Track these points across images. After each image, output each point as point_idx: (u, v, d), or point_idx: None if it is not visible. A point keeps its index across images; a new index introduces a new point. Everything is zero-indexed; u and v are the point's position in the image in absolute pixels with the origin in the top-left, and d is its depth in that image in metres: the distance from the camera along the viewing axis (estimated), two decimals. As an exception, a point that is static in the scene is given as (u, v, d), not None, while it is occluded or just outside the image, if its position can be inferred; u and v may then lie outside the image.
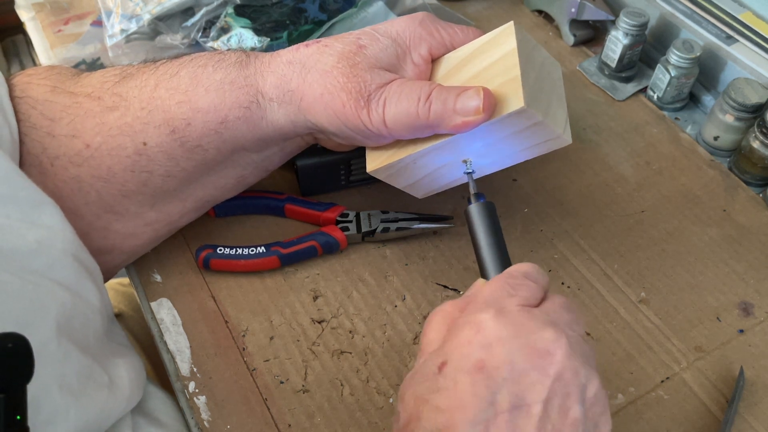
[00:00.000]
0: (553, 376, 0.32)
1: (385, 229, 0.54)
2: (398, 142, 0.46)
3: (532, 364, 0.33)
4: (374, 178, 0.58)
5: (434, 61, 0.47)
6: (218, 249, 0.52)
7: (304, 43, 0.46)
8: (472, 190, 0.43)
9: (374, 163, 0.47)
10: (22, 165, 0.44)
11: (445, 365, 0.33)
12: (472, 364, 0.33)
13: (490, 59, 0.44)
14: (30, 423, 0.29)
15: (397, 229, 0.54)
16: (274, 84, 0.45)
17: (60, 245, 0.39)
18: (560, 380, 0.33)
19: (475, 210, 0.42)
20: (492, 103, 0.41)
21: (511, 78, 0.42)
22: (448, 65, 0.46)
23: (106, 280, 0.51)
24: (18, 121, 0.44)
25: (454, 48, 0.47)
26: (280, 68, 0.45)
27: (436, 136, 0.44)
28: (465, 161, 0.46)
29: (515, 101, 0.41)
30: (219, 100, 0.44)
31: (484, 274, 0.41)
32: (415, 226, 0.54)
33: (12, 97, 0.45)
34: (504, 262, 0.40)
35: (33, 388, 0.31)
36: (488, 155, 0.46)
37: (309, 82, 0.44)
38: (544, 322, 0.34)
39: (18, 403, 0.28)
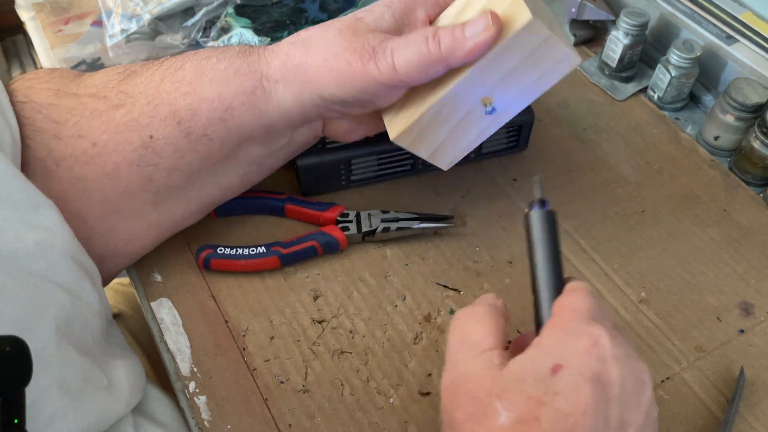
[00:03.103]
0: (644, 406, 0.34)
1: (386, 229, 0.54)
2: (415, 100, 0.45)
3: (635, 390, 0.34)
4: (374, 177, 0.58)
5: (431, 23, 0.47)
6: (218, 249, 0.51)
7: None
8: (537, 195, 0.41)
9: (396, 128, 0.47)
10: (27, 169, 0.44)
11: (561, 369, 0.33)
12: (591, 374, 0.33)
13: None
14: (29, 426, 0.29)
15: (398, 228, 0.54)
16: (278, 65, 0.45)
17: (59, 247, 0.39)
18: (648, 414, 0.34)
19: (536, 217, 0.40)
20: (499, 22, 0.42)
21: (512, 1, 0.42)
22: (446, 18, 0.47)
23: (106, 283, 0.51)
24: (22, 125, 0.44)
25: (448, 5, 0.47)
26: (283, 50, 0.45)
27: (452, 77, 0.44)
28: (484, 102, 0.45)
29: (522, 17, 0.42)
30: (223, 88, 0.45)
31: (536, 288, 0.39)
32: (416, 225, 0.54)
33: (15, 102, 0.45)
34: (559, 278, 0.39)
35: (32, 391, 0.31)
36: (506, 91, 0.45)
37: (312, 53, 0.44)
38: (638, 354, 0.36)
39: (16, 407, 0.28)
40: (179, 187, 0.47)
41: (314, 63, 0.44)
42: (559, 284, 0.39)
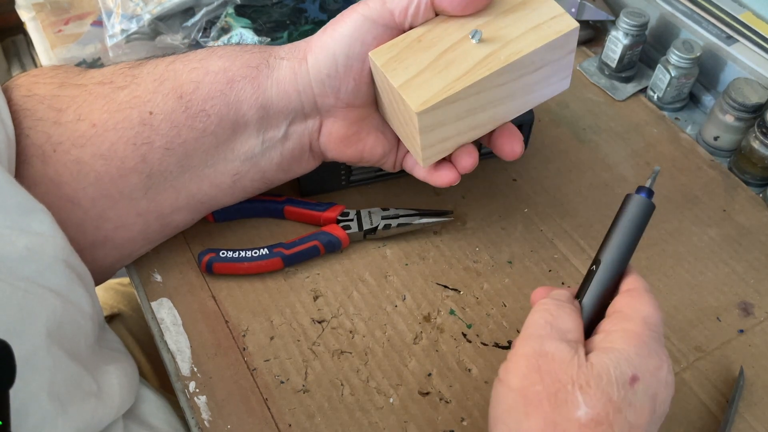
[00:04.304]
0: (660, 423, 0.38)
1: (387, 226, 0.54)
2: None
3: (664, 414, 0.37)
4: (374, 177, 0.58)
5: None
6: (221, 252, 0.51)
7: None
8: (648, 183, 0.42)
9: (378, 48, 0.45)
10: (24, 158, 0.44)
11: (638, 382, 0.35)
12: (653, 393, 0.36)
13: None
14: (17, 430, 0.28)
15: (399, 225, 0.54)
16: (288, 47, 0.47)
17: (51, 251, 0.39)
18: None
19: (635, 201, 0.41)
20: None
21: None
22: None
23: (103, 280, 0.51)
24: (23, 117, 0.45)
25: None
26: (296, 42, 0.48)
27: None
28: (473, 34, 0.44)
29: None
30: (230, 63, 0.46)
31: (599, 261, 0.41)
32: (417, 221, 0.54)
33: (18, 96, 0.46)
34: (625, 260, 0.41)
35: (21, 396, 0.31)
36: (496, 32, 0.44)
37: (317, 33, 0.46)
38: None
39: (0, 408, 0.28)
40: (171, 172, 0.47)
41: (316, 36, 0.46)
42: (622, 265, 0.41)
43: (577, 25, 0.45)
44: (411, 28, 0.45)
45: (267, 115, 0.47)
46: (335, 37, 0.44)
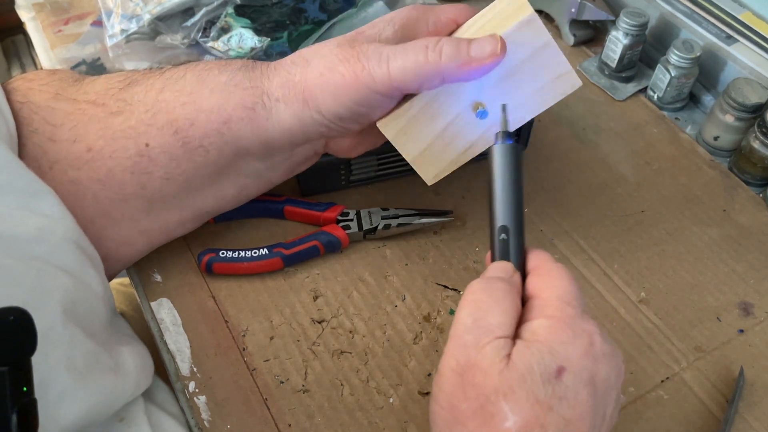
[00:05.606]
0: (616, 392, 0.36)
1: (386, 226, 0.54)
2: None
3: (615, 384, 0.36)
4: (374, 177, 0.58)
5: None
6: (221, 252, 0.51)
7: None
8: (500, 128, 0.40)
9: (386, 119, 0.46)
10: None
11: (565, 372, 0.33)
12: (588, 377, 0.34)
13: (493, 12, 0.44)
14: (39, 402, 0.29)
15: (398, 225, 0.54)
16: (279, 83, 0.44)
17: (60, 232, 0.40)
18: (617, 400, 0.36)
19: (498, 152, 0.39)
20: (506, 50, 0.41)
21: (517, 6, 0.43)
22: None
23: None
24: (19, 125, 0.44)
25: (448, 23, 0.46)
26: (285, 68, 0.45)
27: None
28: (477, 105, 0.44)
29: (523, 10, 0.42)
30: (223, 100, 0.44)
31: (494, 225, 0.39)
32: (417, 221, 0.54)
33: (13, 101, 0.45)
34: (518, 217, 0.39)
35: (41, 369, 0.31)
36: (500, 97, 0.45)
37: (310, 69, 0.44)
38: (611, 339, 0.37)
39: (24, 375, 0.28)
40: (173, 195, 0.47)
41: (311, 78, 0.43)
42: (518, 224, 0.39)
43: (580, 83, 0.45)
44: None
45: (270, 147, 0.46)
46: (339, 100, 0.43)
